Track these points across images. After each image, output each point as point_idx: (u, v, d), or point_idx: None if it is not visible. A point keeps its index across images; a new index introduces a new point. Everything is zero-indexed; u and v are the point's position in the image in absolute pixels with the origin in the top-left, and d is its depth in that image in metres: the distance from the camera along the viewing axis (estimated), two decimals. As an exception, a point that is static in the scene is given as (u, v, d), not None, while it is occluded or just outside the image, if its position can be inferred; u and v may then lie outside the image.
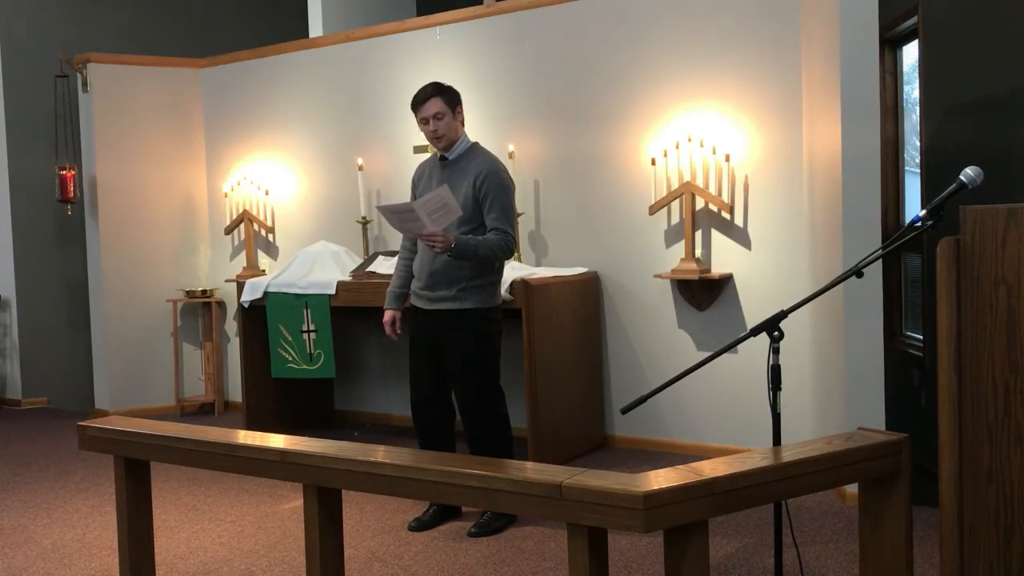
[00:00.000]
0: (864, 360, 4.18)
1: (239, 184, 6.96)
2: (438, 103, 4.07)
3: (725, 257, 5.21)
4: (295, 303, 5.82)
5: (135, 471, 3.12)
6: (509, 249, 4.05)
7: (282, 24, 8.54)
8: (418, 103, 4.10)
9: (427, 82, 4.25)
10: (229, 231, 7.04)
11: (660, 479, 2.12)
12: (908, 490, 2.36)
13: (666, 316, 5.39)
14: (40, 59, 7.36)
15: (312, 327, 5.79)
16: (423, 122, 4.10)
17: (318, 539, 2.67)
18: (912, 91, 5.11)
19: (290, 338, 5.86)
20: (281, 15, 8.73)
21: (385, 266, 5.67)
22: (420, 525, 4.19)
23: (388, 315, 4.28)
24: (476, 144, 4.24)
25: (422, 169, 4.32)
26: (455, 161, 4.15)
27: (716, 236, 5.23)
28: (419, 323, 4.20)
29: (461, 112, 4.16)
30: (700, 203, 5.20)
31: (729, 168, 5.13)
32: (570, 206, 5.69)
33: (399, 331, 4.28)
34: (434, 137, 4.11)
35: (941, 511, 2.37)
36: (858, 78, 4.15)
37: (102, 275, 6.92)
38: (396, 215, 3.92)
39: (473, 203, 4.05)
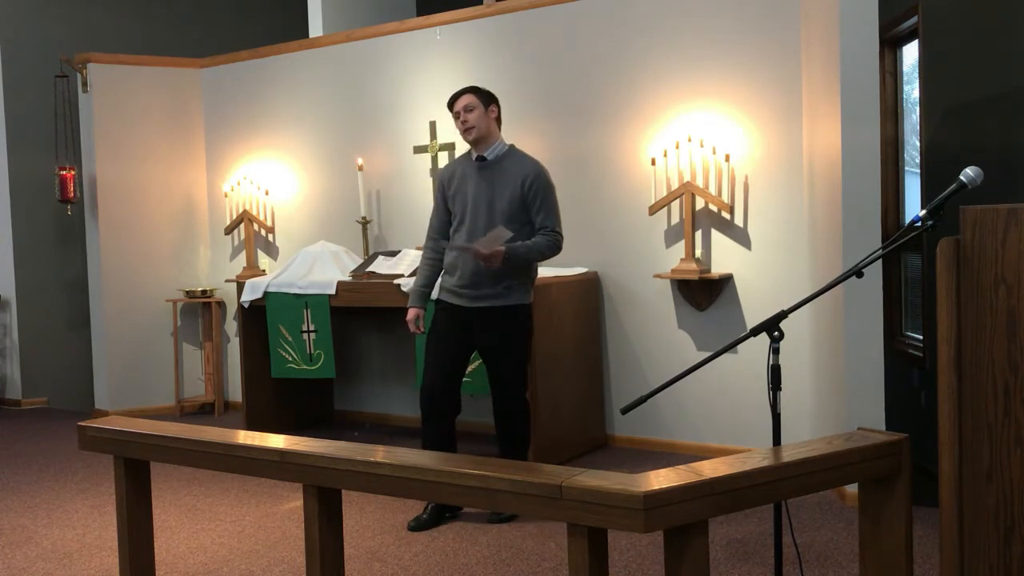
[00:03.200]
0: (864, 360, 4.18)
1: (239, 184, 6.96)
2: (469, 97, 4.23)
3: (725, 257, 5.21)
4: (295, 303, 5.82)
5: (135, 471, 3.11)
6: (558, 247, 4.22)
7: (282, 24, 8.54)
8: (452, 100, 4.26)
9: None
10: (229, 231, 7.04)
11: (660, 479, 2.12)
12: (908, 490, 2.36)
13: (666, 316, 5.39)
14: (40, 59, 7.37)
15: (312, 327, 5.79)
16: (456, 116, 4.24)
17: (318, 539, 2.67)
18: (912, 91, 5.12)
19: (290, 338, 5.86)
20: (281, 15, 8.74)
21: (385, 266, 5.67)
22: (419, 525, 4.20)
23: (412, 313, 4.35)
24: (514, 146, 4.33)
25: (452, 169, 4.36)
26: (495, 162, 4.23)
27: (716, 236, 5.23)
28: (453, 318, 4.24)
29: (495, 111, 4.27)
30: (700, 203, 5.20)
31: (729, 168, 5.13)
32: (570, 206, 5.66)
33: (422, 328, 4.37)
34: (464, 129, 4.21)
35: (941, 511, 2.37)
36: (858, 78, 4.15)
37: (102, 275, 6.92)
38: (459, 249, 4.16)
39: (520, 203, 4.17)
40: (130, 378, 7.01)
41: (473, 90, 4.27)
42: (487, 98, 4.25)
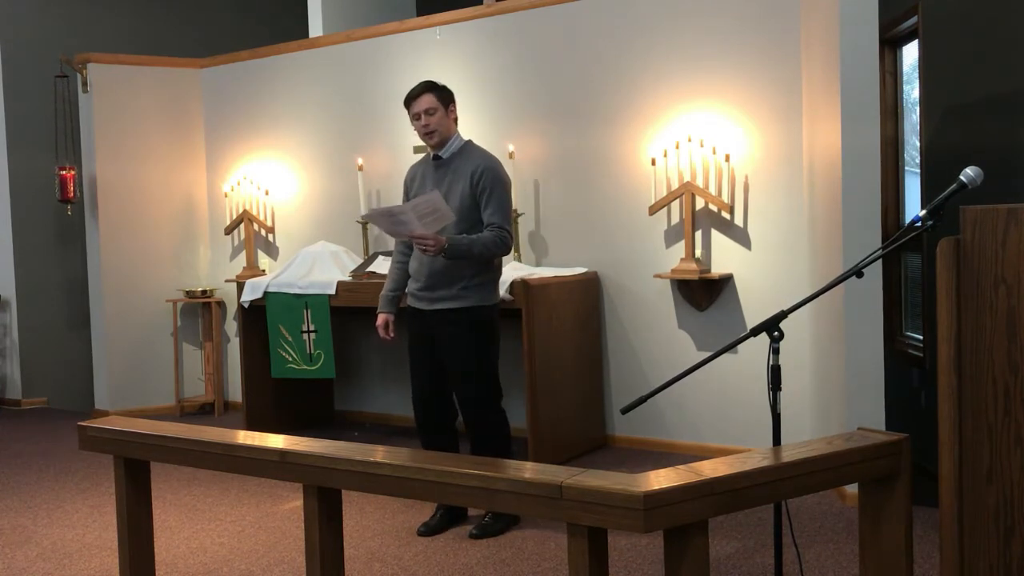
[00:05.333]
0: (864, 360, 4.18)
1: (239, 184, 6.96)
2: (430, 98, 4.05)
3: (725, 257, 5.21)
4: (295, 303, 5.82)
5: (135, 471, 3.11)
6: (505, 245, 4.00)
7: (282, 24, 8.54)
8: (410, 99, 4.08)
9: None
10: (229, 231, 7.04)
11: (660, 479, 2.12)
12: (908, 490, 2.36)
13: (666, 316, 5.39)
14: (40, 59, 7.36)
15: (312, 327, 5.79)
16: (415, 118, 4.07)
17: (318, 539, 2.67)
18: (912, 91, 5.12)
19: (290, 338, 5.86)
20: (281, 15, 8.74)
21: (385, 266, 5.66)
22: (428, 530, 4.16)
23: (381, 319, 4.22)
24: (470, 142, 4.20)
25: (414, 171, 4.28)
26: (449, 160, 4.10)
27: (716, 236, 5.23)
28: (418, 323, 4.18)
29: (454, 111, 4.13)
30: (700, 203, 5.20)
31: (729, 168, 5.13)
32: (570, 206, 5.69)
33: (392, 334, 4.25)
34: (425, 133, 4.07)
35: (941, 511, 2.37)
36: (858, 78, 4.15)
37: (102, 275, 6.92)
38: (386, 218, 3.91)
39: (471, 200, 4.02)
40: (130, 378, 7.01)
41: (431, 88, 4.07)
42: (447, 98, 4.08)
